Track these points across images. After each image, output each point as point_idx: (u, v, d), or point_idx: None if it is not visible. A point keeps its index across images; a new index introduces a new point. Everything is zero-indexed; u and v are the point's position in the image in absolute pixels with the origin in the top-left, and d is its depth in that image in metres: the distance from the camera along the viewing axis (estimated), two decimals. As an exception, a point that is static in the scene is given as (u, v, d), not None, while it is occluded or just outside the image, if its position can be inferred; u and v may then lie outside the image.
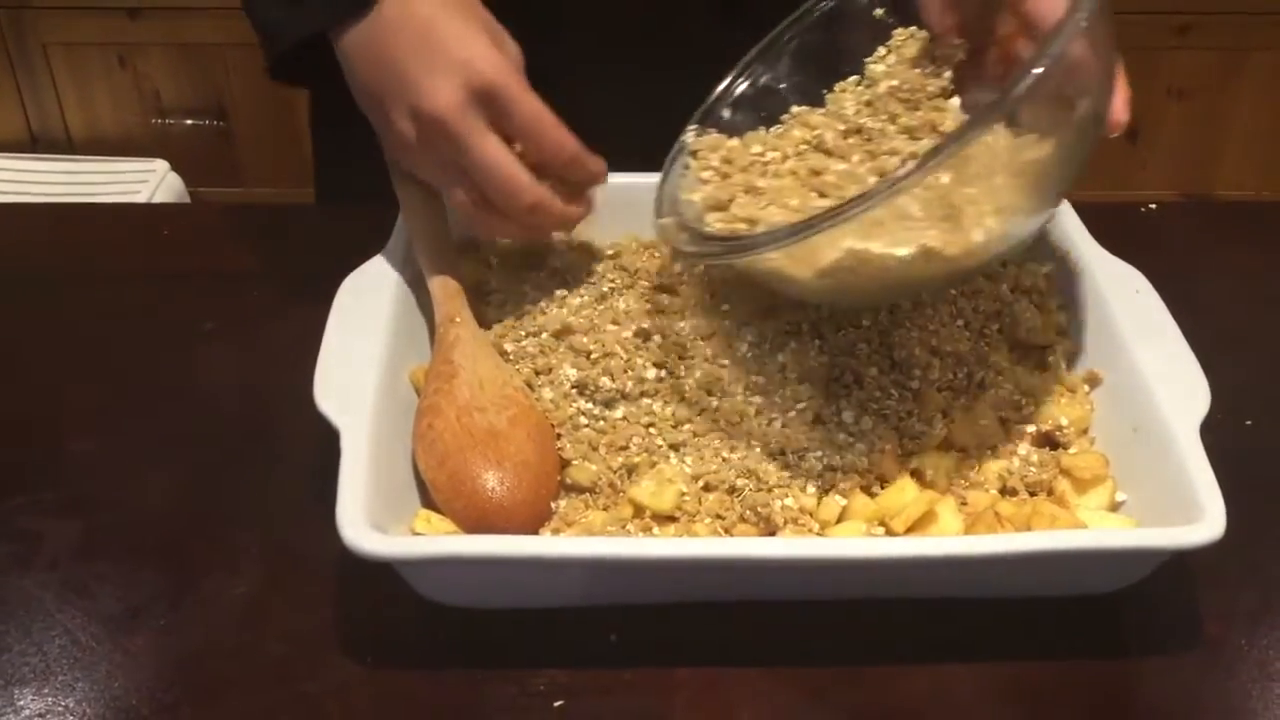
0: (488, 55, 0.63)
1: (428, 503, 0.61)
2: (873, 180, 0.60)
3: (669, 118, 0.72)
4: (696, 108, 0.70)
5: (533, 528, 0.61)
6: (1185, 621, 0.61)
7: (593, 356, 0.66)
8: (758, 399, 0.65)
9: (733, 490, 0.61)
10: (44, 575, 0.61)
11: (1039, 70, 0.51)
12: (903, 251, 0.56)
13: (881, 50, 0.68)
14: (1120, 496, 0.62)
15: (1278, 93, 2.03)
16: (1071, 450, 0.64)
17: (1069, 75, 0.55)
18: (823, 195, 0.61)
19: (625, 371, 0.65)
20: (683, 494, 0.60)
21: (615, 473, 0.62)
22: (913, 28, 0.68)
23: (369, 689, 0.57)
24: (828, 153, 0.64)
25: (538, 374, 0.66)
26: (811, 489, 0.61)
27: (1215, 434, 0.60)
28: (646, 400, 0.65)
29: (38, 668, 0.57)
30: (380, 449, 0.59)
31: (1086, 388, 0.66)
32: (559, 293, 0.71)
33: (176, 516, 0.65)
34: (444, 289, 0.68)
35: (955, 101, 0.64)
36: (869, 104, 0.65)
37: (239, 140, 2.04)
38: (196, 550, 0.63)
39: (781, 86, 0.70)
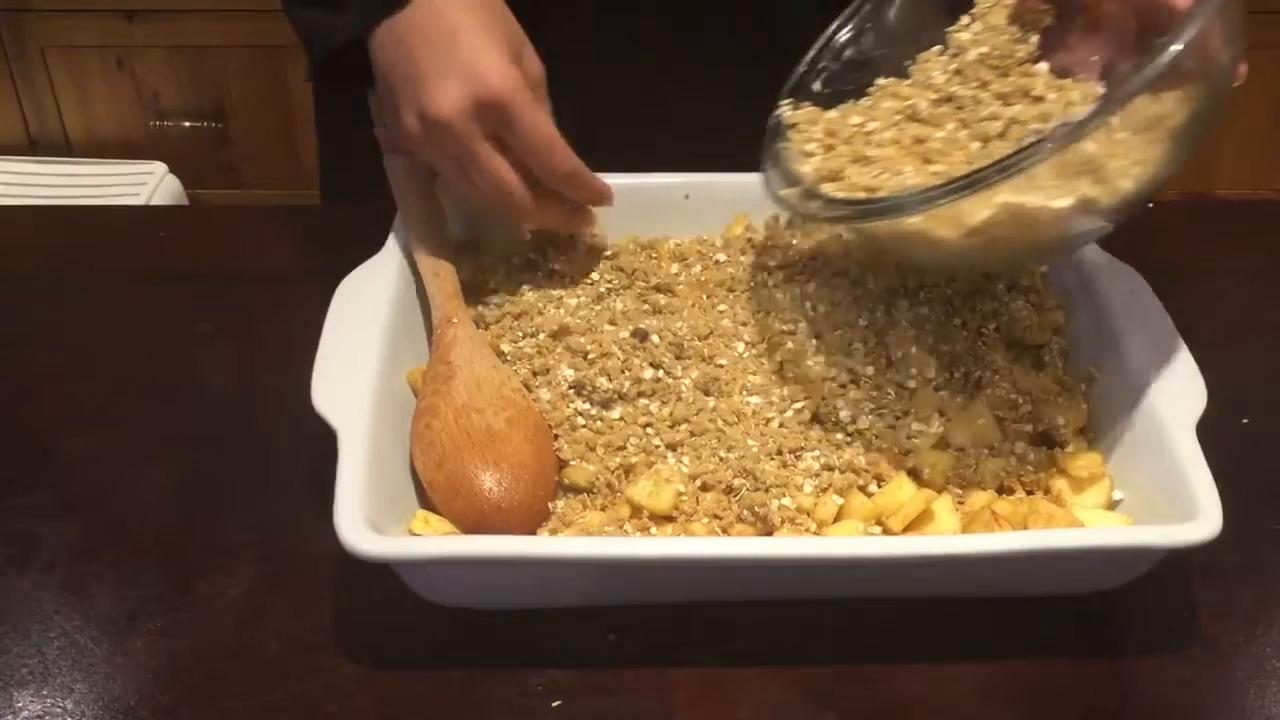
0: (500, 69, 0.64)
1: (426, 504, 0.61)
2: (976, 146, 0.61)
3: (672, 120, 0.72)
4: (706, 109, 0.70)
5: (530, 528, 0.61)
6: (1182, 619, 0.61)
7: (590, 357, 0.66)
8: (755, 399, 0.65)
9: (730, 490, 0.61)
10: (42, 576, 0.61)
11: (1203, 21, 0.52)
12: (1062, 203, 0.56)
13: (965, 19, 0.67)
14: (1117, 495, 0.62)
15: (1277, 92, 2.03)
16: (1068, 449, 0.64)
17: (1226, 24, 0.55)
18: (929, 162, 0.61)
19: (622, 372, 0.65)
20: (680, 494, 0.60)
21: (613, 473, 0.62)
22: None
23: (367, 689, 0.57)
24: (922, 122, 0.64)
25: (535, 374, 0.66)
26: (809, 488, 0.61)
27: (1212, 432, 0.60)
28: (644, 400, 0.65)
29: (36, 669, 0.57)
30: (378, 450, 0.59)
31: (1083, 386, 0.66)
32: (556, 293, 0.71)
33: (174, 517, 0.65)
34: (441, 290, 0.68)
35: (1043, 66, 0.64)
36: (958, 72, 0.65)
37: (237, 142, 2.03)
38: (194, 551, 0.63)
39: (866, 59, 0.70)
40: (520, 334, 0.69)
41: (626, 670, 0.57)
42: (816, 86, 0.69)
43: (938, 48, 0.68)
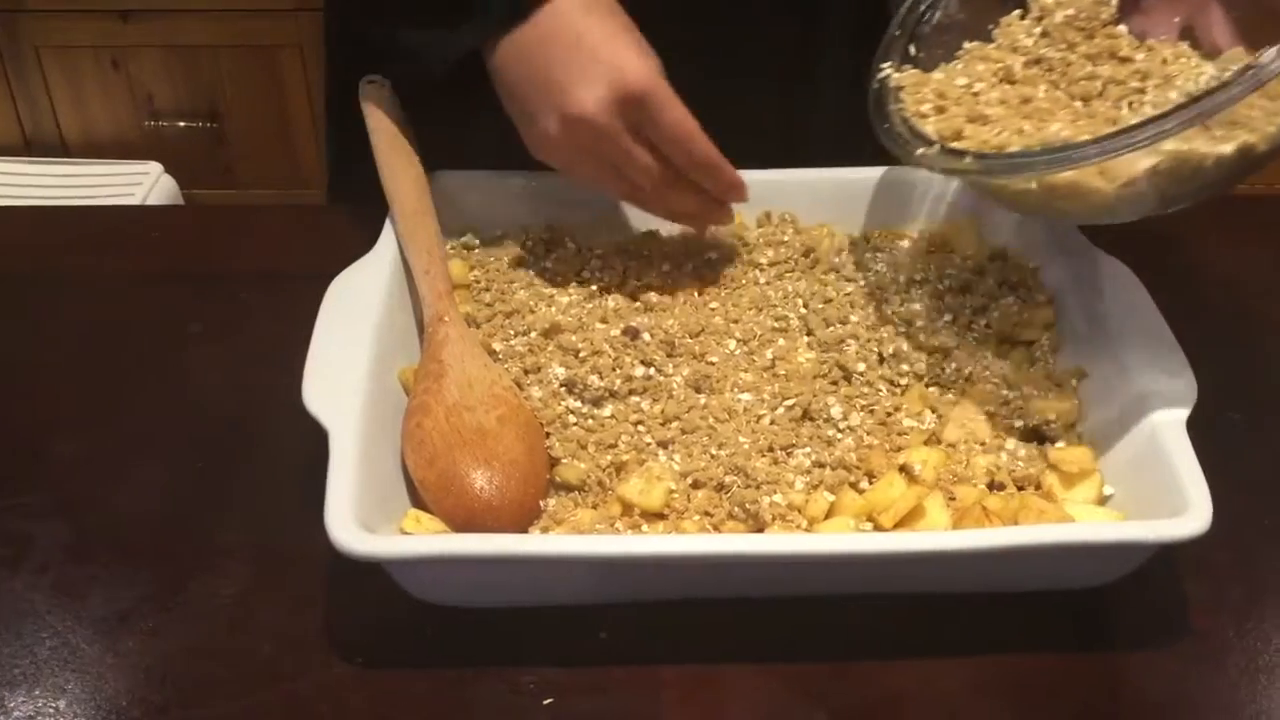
0: (637, 63, 0.66)
1: (417, 502, 0.61)
2: (1079, 105, 0.62)
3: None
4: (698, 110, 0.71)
5: (522, 526, 0.61)
6: (1173, 614, 0.61)
7: (581, 355, 0.66)
8: (746, 396, 0.65)
9: (721, 487, 0.61)
10: (33, 578, 0.61)
11: None
12: (1227, 148, 0.57)
13: None
14: (1107, 490, 0.62)
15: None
16: (1059, 444, 0.64)
17: None
18: (1042, 121, 0.62)
19: (614, 370, 0.65)
20: (671, 491, 0.60)
21: (604, 471, 0.62)
22: None
23: (359, 688, 0.57)
24: (1016, 83, 0.65)
25: (526, 373, 0.66)
26: (800, 485, 0.61)
27: (1203, 427, 0.60)
28: (635, 398, 0.65)
29: (28, 670, 0.57)
30: (369, 449, 0.59)
31: (1074, 382, 0.67)
32: (548, 291, 0.71)
33: (166, 518, 0.65)
34: (433, 288, 0.68)
35: (1123, 28, 0.65)
36: (1045, 34, 0.67)
37: (232, 142, 2.04)
38: (186, 551, 0.63)
39: (951, 22, 0.70)
40: (512, 332, 0.69)
41: (617, 668, 0.57)
42: (912, 50, 0.69)
43: (1017, 11, 0.69)
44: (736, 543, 0.56)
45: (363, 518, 0.55)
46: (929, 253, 0.75)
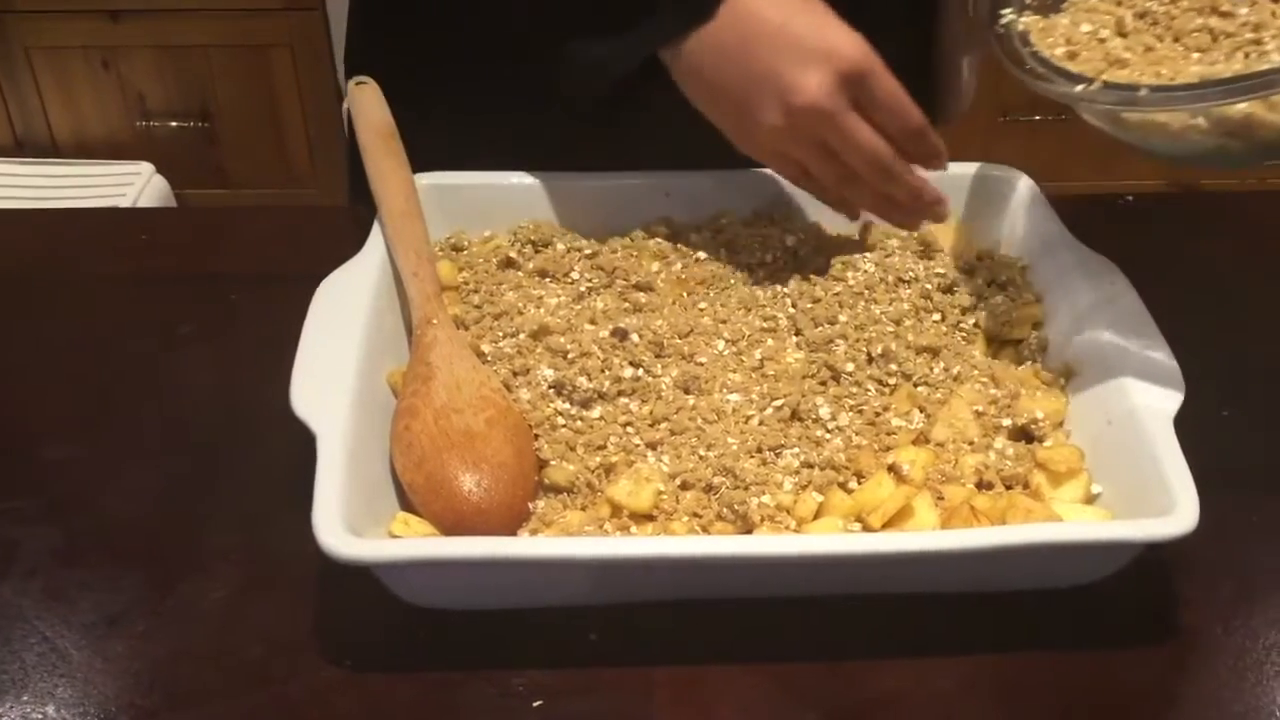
0: (849, 39, 0.66)
1: (406, 505, 0.61)
2: (1196, 55, 0.61)
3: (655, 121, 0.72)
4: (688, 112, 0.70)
5: (510, 529, 0.61)
6: (1162, 611, 0.61)
7: (570, 356, 0.66)
8: (734, 396, 0.65)
9: (710, 488, 0.61)
10: (22, 583, 0.61)
11: None
12: None
13: None
14: (1095, 489, 0.62)
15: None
16: (1047, 443, 0.64)
17: None
18: (1176, 66, 0.61)
19: (602, 371, 0.65)
20: (660, 493, 0.60)
21: (593, 472, 0.62)
22: None
23: (348, 692, 0.57)
24: (1125, 35, 0.64)
25: (515, 375, 0.66)
26: (788, 486, 0.61)
27: (1191, 425, 0.60)
28: (624, 400, 0.65)
29: (16, 676, 0.57)
30: (358, 452, 0.59)
31: (1062, 381, 0.67)
32: (536, 293, 0.71)
33: (155, 521, 0.65)
34: (421, 291, 0.68)
35: None
36: None
37: (223, 142, 2.03)
38: (175, 555, 0.63)
39: None
40: (500, 334, 0.69)
41: (607, 670, 0.58)
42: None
43: None
44: (725, 544, 0.56)
45: (351, 521, 0.55)
46: (917, 252, 0.75)
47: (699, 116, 0.70)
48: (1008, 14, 0.68)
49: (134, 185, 1.91)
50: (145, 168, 1.96)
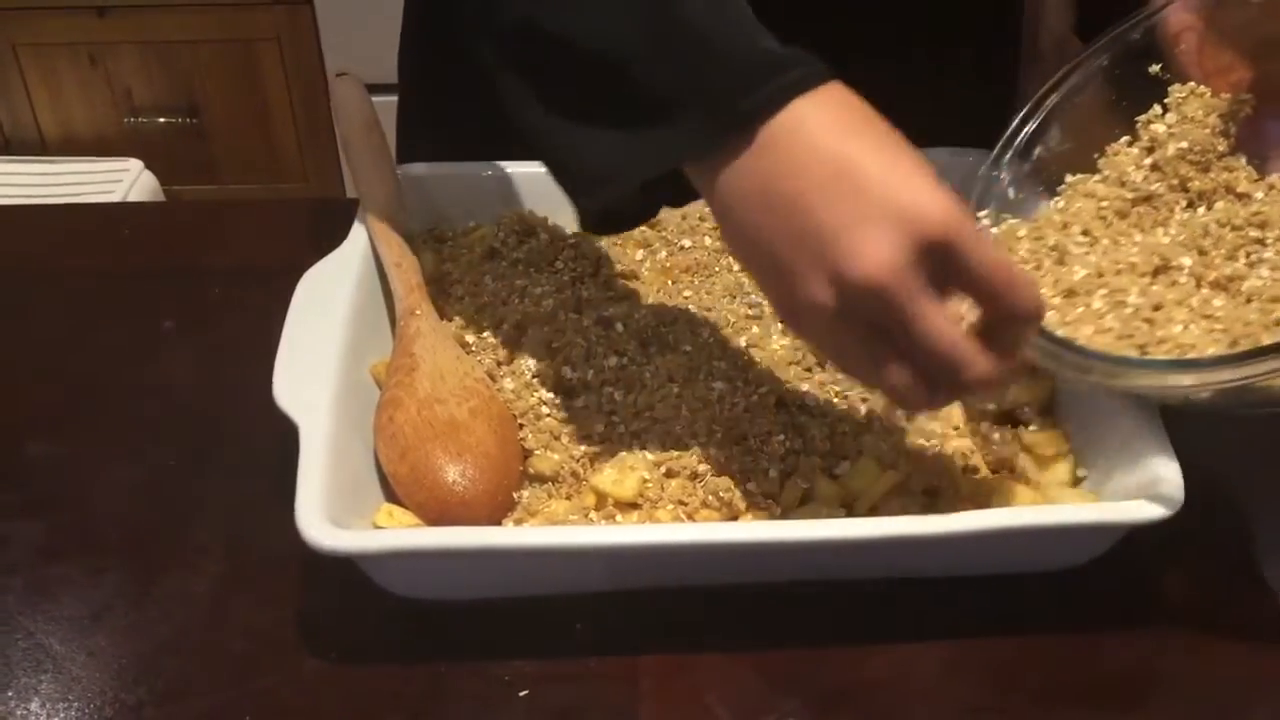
0: (935, 197, 0.49)
1: (390, 496, 0.61)
2: (1187, 261, 0.57)
3: None
4: None
5: (495, 519, 0.60)
6: (1147, 593, 0.61)
7: (554, 345, 0.66)
8: (719, 384, 0.65)
9: (695, 476, 0.61)
10: (4, 579, 0.61)
11: None
12: None
13: (1158, 108, 0.63)
14: (1080, 472, 0.62)
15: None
16: (1032, 427, 0.64)
17: None
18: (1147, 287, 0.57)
19: (587, 360, 0.65)
20: (645, 481, 0.60)
21: (577, 461, 0.62)
22: (1191, 83, 0.63)
23: (333, 684, 0.57)
24: (1118, 224, 0.61)
25: (499, 364, 0.66)
26: (773, 472, 0.61)
27: (1177, 405, 0.60)
28: (608, 388, 0.65)
29: (0, 671, 0.57)
30: (341, 444, 0.59)
31: (1047, 365, 0.66)
32: (520, 283, 0.71)
33: (138, 515, 0.64)
34: (404, 282, 0.68)
35: (1241, 159, 0.61)
36: (1155, 168, 0.62)
37: (212, 137, 2.03)
38: (158, 549, 0.62)
39: (1052, 155, 0.65)
40: (484, 324, 0.68)
41: (593, 659, 0.57)
42: (1011, 194, 0.65)
43: (1125, 139, 0.64)
44: (711, 531, 0.56)
45: (334, 513, 0.54)
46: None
47: None
48: (983, 218, 0.64)
49: (123, 182, 1.91)
50: (134, 164, 1.95)
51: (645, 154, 0.53)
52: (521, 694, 0.56)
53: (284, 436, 0.58)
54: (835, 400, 0.64)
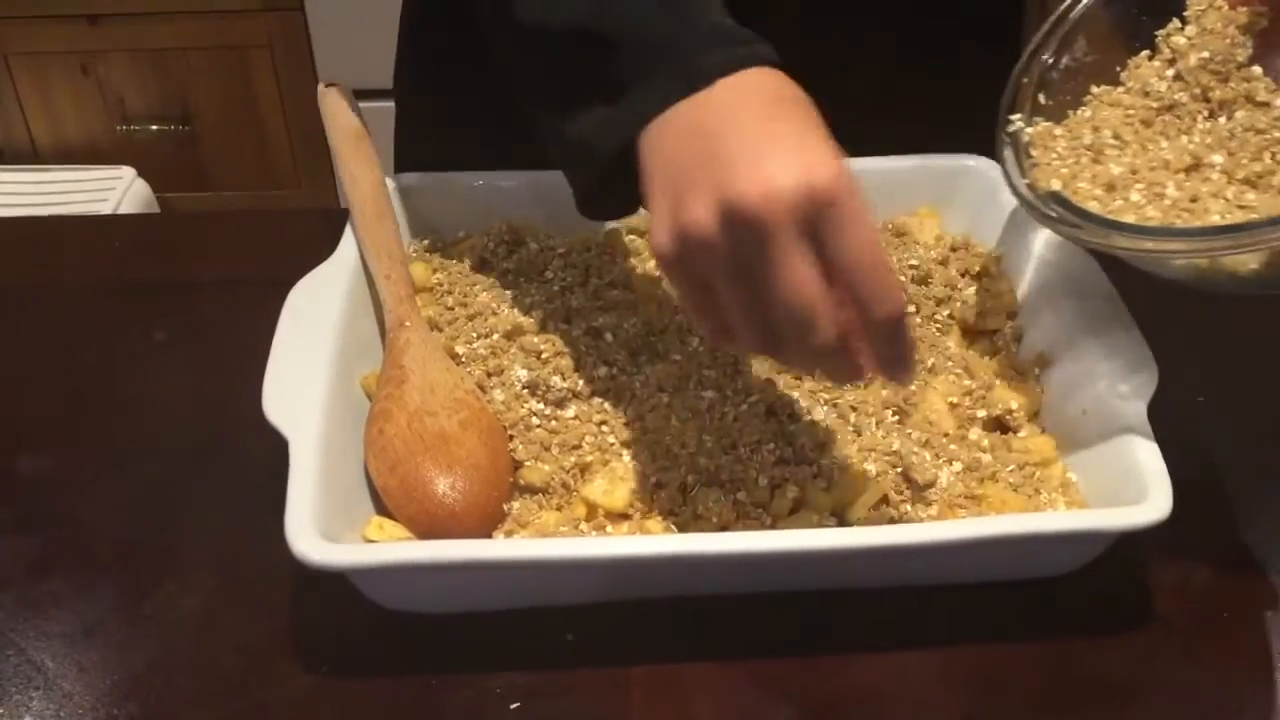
0: (835, 162, 0.50)
1: (381, 509, 0.61)
2: (1218, 158, 0.58)
3: None
4: None
5: (485, 531, 0.60)
6: (1137, 600, 0.61)
7: (544, 356, 0.66)
8: (709, 393, 0.65)
9: (685, 486, 0.61)
10: (-4, 595, 0.61)
11: None
12: None
13: (1176, 22, 0.64)
14: (1070, 478, 0.62)
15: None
16: (1021, 434, 0.64)
17: None
18: (1183, 178, 0.59)
19: (577, 370, 0.65)
20: (635, 491, 0.60)
21: (568, 472, 0.62)
22: None
23: (325, 698, 0.57)
24: (1145, 132, 0.63)
25: (489, 375, 0.66)
26: (763, 482, 0.61)
27: (1166, 410, 0.60)
28: (598, 399, 0.65)
29: (-9, 688, 0.57)
30: (331, 457, 0.59)
31: (1036, 371, 0.67)
32: (510, 293, 0.71)
33: (129, 530, 0.64)
34: (394, 293, 0.68)
35: (1258, 69, 0.61)
36: (1178, 78, 0.63)
37: (205, 145, 2.03)
38: (150, 563, 0.62)
39: (1079, 65, 0.66)
40: (474, 335, 0.68)
41: (584, 670, 0.57)
42: (1042, 99, 0.66)
43: (1146, 53, 0.65)
44: (701, 542, 0.56)
45: (324, 526, 0.55)
46: (890, 243, 0.75)
47: None
48: (1016, 119, 0.65)
49: (115, 190, 1.91)
50: (127, 172, 1.95)
51: (618, 119, 0.56)
52: (513, 706, 0.56)
53: (275, 449, 0.58)
54: (825, 408, 0.64)
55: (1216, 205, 0.57)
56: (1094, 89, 0.66)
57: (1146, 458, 0.57)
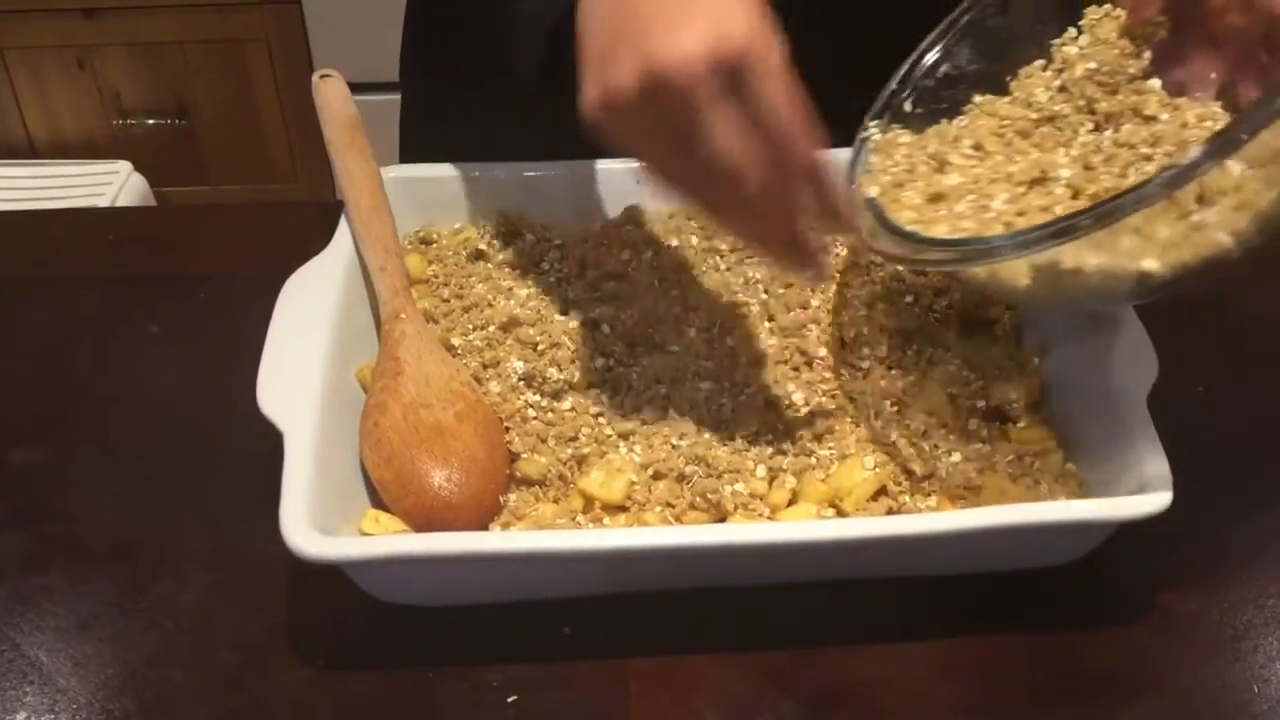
0: (752, 20, 0.52)
1: (377, 502, 0.61)
2: (1065, 172, 0.56)
3: None
4: None
5: (482, 523, 0.60)
6: (1138, 591, 0.61)
7: (540, 348, 0.66)
8: (707, 384, 0.65)
9: (682, 478, 0.60)
10: (-9, 590, 0.61)
11: None
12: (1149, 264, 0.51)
13: (1072, 31, 0.62)
14: (1069, 468, 0.62)
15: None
16: (1020, 424, 0.64)
17: None
18: (1023, 190, 0.57)
19: (573, 362, 0.65)
20: (632, 483, 0.60)
21: (565, 464, 0.61)
22: (1107, 5, 0.62)
23: (322, 692, 0.56)
24: (1017, 144, 0.61)
25: (485, 367, 0.66)
26: (761, 473, 0.60)
27: (1167, 401, 0.59)
28: (595, 390, 0.64)
29: (-14, 683, 0.57)
30: (326, 450, 0.58)
31: (1035, 360, 0.66)
32: (506, 285, 0.71)
33: (125, 524, 0.64)
34: (389, 285, 0.67)
35: (1155, 83, 0.59)
36: (1062, 89, 0.61)
37: (201, 138, 2.02)
38: (145, 558, 0.62)
39: (961, 74, 0.65)
40: (470, 327, 0.68)
41: (582, 662, 0.57)
42: (908, 106, 0.64)
43: (1040, 62, 0.63)
44: (699, 533, 0.56)
45: (320, 519, 0.54)
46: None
47: None
48: (873, 125, 0.64)
49: (112, 184, 1.90)
50: (123, 166, 1.95)
51: None
52: (510, 699, 0.56)
53: (270, 442, 0.58)
54: (822, 400, 0.64)
55: (1040, 219, 0.54)
56: (976, 98, 0.64)
57: (1146, 448, 0.57)
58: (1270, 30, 0.56)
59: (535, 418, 0.63)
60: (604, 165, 0.77)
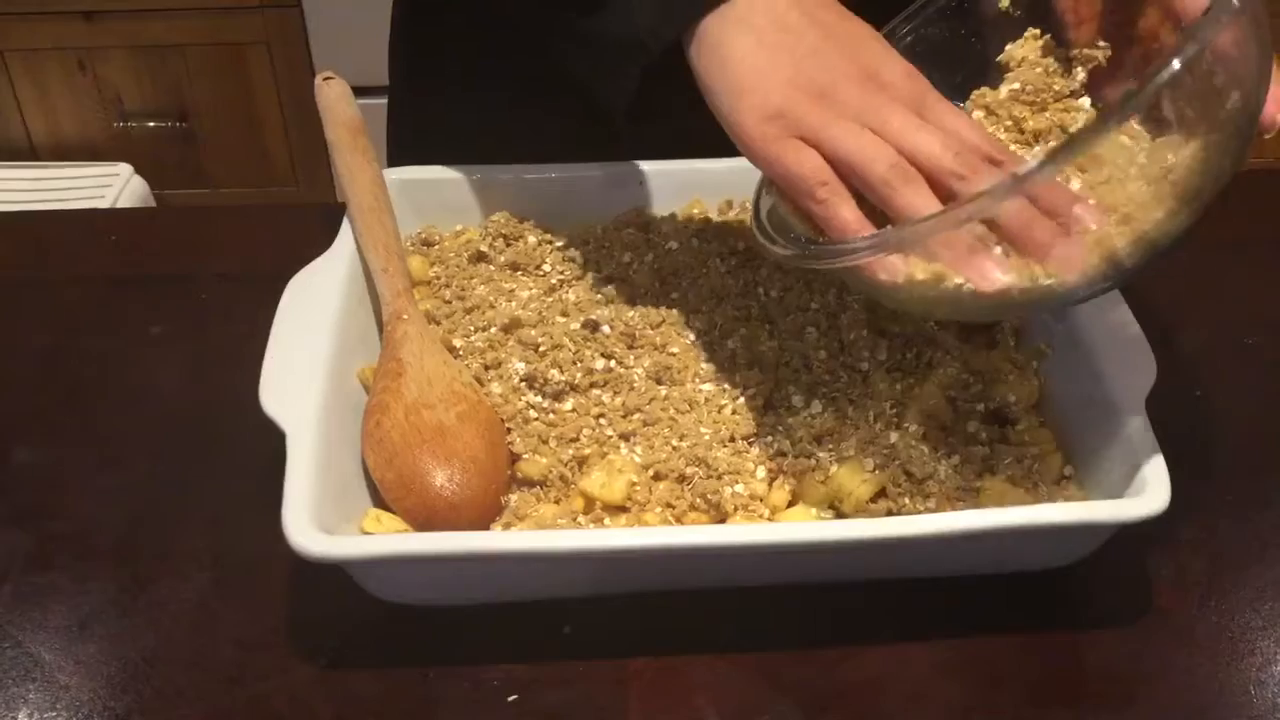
0: (902, 61, 0.57)
1: (378, 502, 0.61)
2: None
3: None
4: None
5: (483, 524, 0.60)
6: (1137, 592, 0.61)
7: (541, 349, 0.66)
8: (707, 386, 0.65)
9: (683, 479, 0.60)
10: (-7, 588, 0.61)
11: (1184, 58, 0.45)
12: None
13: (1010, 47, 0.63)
14: (1068, 471, 0.62)
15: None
16: (1020, 426, 0.64)
17: (1218, 65, 0.48)
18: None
19: (574, 363, 0.65)
20: (633, 484, 0.60)
21: (566, 465, 0.62)
22: (1030, 30, 0.62)
23: (323, 690, 0.56)
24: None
25: (486, 368, 0.66)
26: (761, 474, 0.61)
27: (1164, 405, 0.60)
28: (596, 391, 0.65)
29: (-12, 681, 0.57)
30: (328, 450, 0.59)
31: (1034, 363, 0.67)
32: (508, 286, 0.71)
33: (127, 523, 0.64)
34: (391, 286, 0.68)
35: (1085, 101, 0.60)
36: (988, 111, 0.61)
37: (202, 141, 2.02)
38: (147, 556, 0.62)
39: None
40: (472, 328, 0.68)
41: (582, 662, 0.57)
42: None
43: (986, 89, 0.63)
44: (699, 534, 0.56)
45: (321, 519, 0.54)
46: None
47: (673, 105, 0.68)
48: None
49: (113, 187, 1.90)
50: (124, 169, 1.95)
51: (673, 10, 0.59)
52: (511, 698, 0.56)
53: (272, 442, 0.58)
54: (823, 401, 0.64)
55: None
56: None
57: (1144, 450, 0.57)
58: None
59: (536, 419, 0.64)
60: (605, 167, 0.77)
